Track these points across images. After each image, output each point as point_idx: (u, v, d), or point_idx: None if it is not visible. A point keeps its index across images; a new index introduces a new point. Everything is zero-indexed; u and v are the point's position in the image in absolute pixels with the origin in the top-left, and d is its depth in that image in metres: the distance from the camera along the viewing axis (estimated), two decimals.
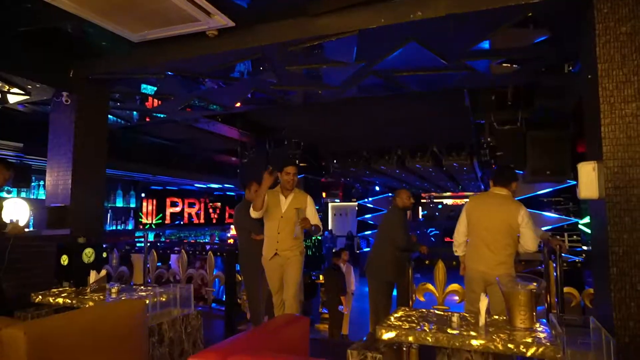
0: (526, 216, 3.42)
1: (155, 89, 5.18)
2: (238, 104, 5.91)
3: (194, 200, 13.81)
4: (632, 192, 2.69)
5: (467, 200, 3.86)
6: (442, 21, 3.27)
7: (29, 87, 4.52)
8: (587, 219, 6.42)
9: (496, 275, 3.28)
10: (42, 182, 8.01)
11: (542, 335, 2.22)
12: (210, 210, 14.48)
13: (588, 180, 2.79)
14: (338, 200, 17.07)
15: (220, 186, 13.18)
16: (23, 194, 8.12)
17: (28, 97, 4.70)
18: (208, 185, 13.04)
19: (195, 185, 12.82)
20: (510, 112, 6.03)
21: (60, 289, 3.73)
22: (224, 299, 5.92)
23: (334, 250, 8.88)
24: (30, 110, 6.06)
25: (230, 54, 4.00)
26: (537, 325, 2.37)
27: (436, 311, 2.76)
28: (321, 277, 7.13)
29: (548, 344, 2.09)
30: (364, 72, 4.41)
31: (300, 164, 8.41)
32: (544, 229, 4.33)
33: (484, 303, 2.43)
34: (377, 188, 16.51)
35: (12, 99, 4.76)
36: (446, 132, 8.22)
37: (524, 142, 6.10)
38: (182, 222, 13.18)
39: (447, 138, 8.88)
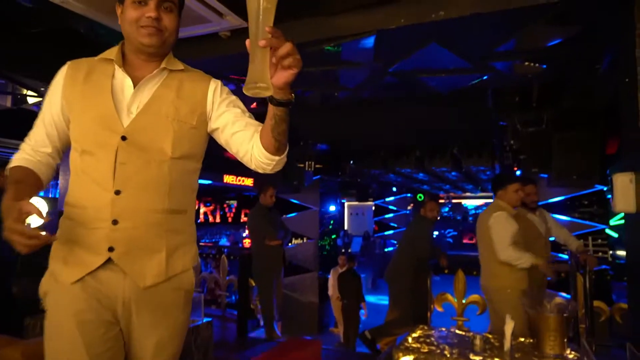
0: (493, 223, 3.21)
1: None
2: (254, 105, 5.79)
3: (209, 199, 13.79)
4: None
5: (485, 201, 3.87)
6: (465, 21, 3.08)
7: (42, 89, 4.48)
8: (614, 221, 6.10)
9: (490, 287, 3.29)
10: (58, 181, 8.04)
11: None
12: (226, 209, 14.44)
13: (625, 192, 2.58)
14: (355, 200, 16.89)
15: (236, 185, 13.12)
16: (41, 194, 8.17)
17: (41, 99, 4.66)
18: (224, 184, 12.99)
19: (211, 184, 12.77)
20: (534, 113, 5.78)
21: None
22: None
23: (343, 252, 8.44)
24: None
25: (244, 55, 3.88)
26: (568, 351, 2.19)
27: (457, 331, 2.60)
28: (332, 281, 6.96)
29: None
30: (381, 74, 4.25)
31: (317, 166, 8.20)
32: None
33: (509, 326, 2.26)
34: (394, 189, 16.25)
35: (28, 100, 4.74)
36: (467, 134, 7.97)
37: (549, 144, 5.84)
38: (198, 221, 13.18)
39: (468, 140, 8.61)
